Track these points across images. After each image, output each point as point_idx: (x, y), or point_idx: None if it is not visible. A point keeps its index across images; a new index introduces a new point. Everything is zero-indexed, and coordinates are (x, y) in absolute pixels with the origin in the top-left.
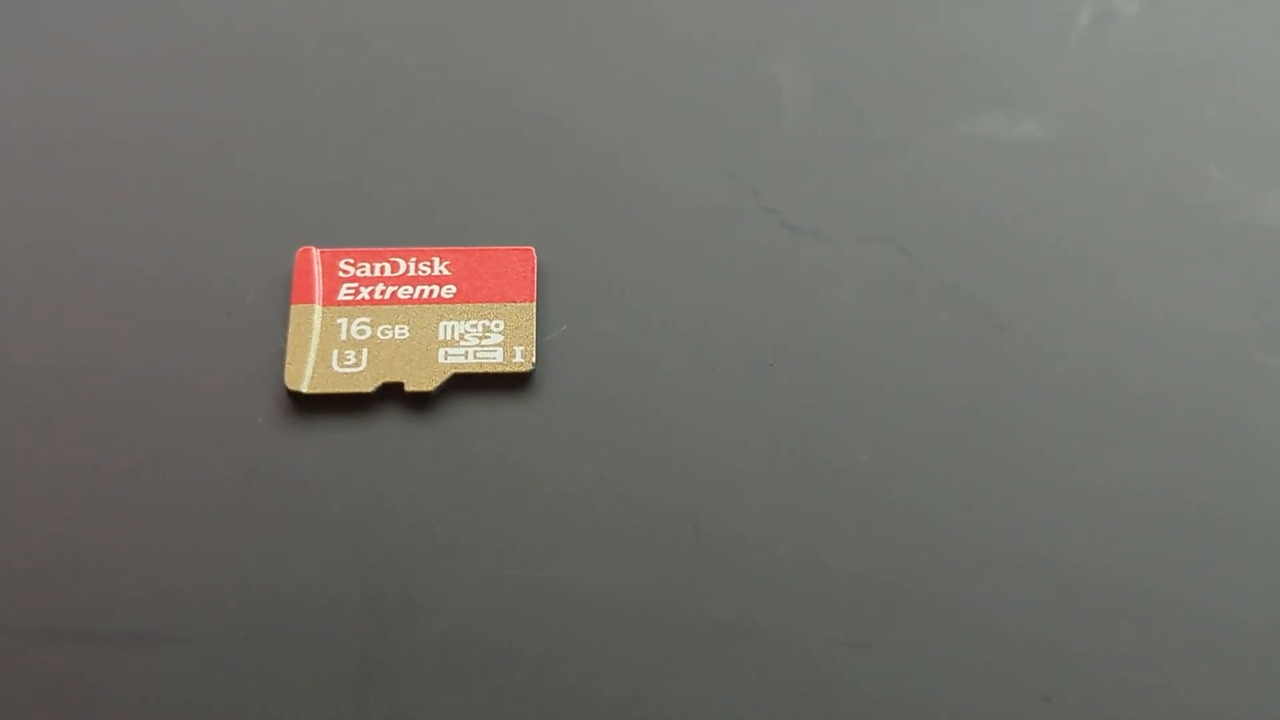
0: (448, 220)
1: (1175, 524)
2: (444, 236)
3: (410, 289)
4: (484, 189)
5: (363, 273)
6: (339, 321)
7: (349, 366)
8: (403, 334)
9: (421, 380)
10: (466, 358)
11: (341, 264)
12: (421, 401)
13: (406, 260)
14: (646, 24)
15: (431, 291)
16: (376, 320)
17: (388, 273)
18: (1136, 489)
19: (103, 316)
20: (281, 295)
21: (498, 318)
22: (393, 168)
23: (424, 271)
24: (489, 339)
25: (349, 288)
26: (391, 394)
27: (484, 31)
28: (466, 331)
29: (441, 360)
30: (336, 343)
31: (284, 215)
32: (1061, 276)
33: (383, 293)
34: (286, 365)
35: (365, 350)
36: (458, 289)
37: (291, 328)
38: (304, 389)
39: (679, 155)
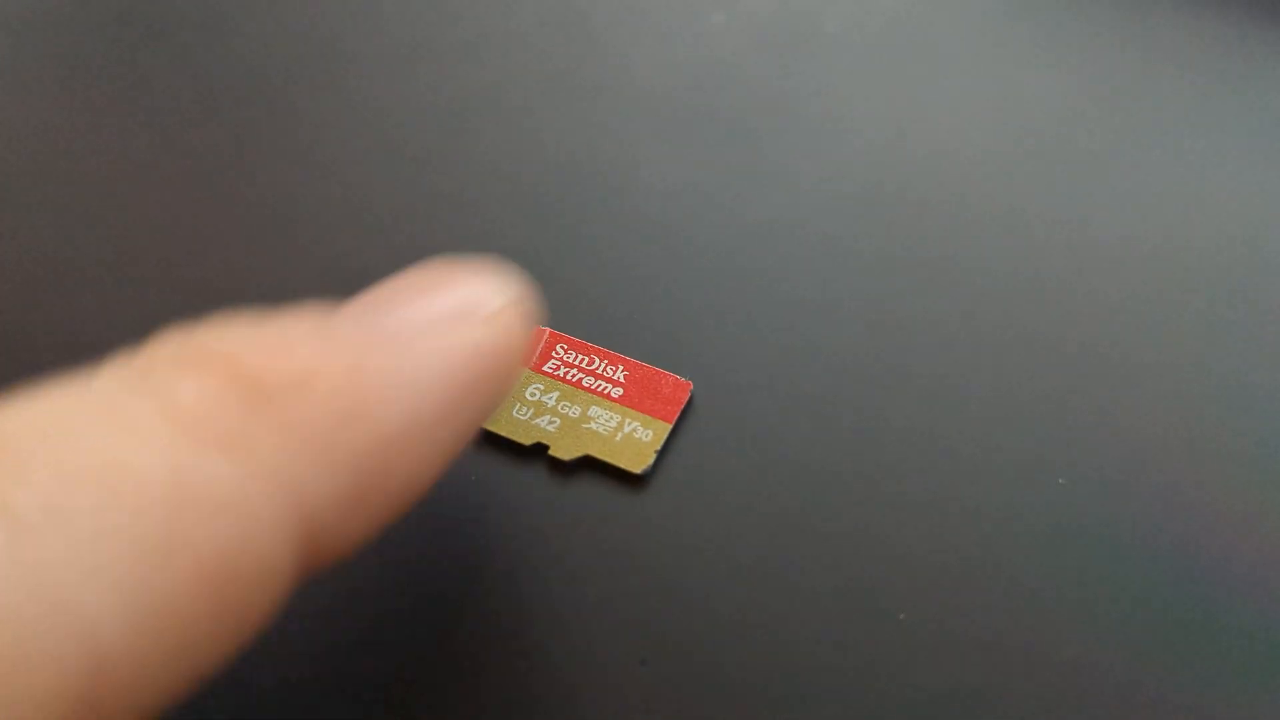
0: (622, 333)
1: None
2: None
3: (593, 380)
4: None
5: (569, 358)
6: (535, 386)
7: (520, 416)
8: (567, 410)
9: (562, 450)
10: (604, 447)
11: (559, 346)
12: (557, 468)
13: (602, 359)
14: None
15: (605, 389)
16: (561, 396)
17: (584, 364)
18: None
19: None
20: None
21: (644, 427)
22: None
23: (609, 373)
24: (627, 438)
25: (553, 364)
26: (538, 454)
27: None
28: (614, 427)
29: (585, 441)
30: (520, 398)
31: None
32: None
33: (573, 377)
34: None
35: (533, 410)
36: (624, 393)
37: None
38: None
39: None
